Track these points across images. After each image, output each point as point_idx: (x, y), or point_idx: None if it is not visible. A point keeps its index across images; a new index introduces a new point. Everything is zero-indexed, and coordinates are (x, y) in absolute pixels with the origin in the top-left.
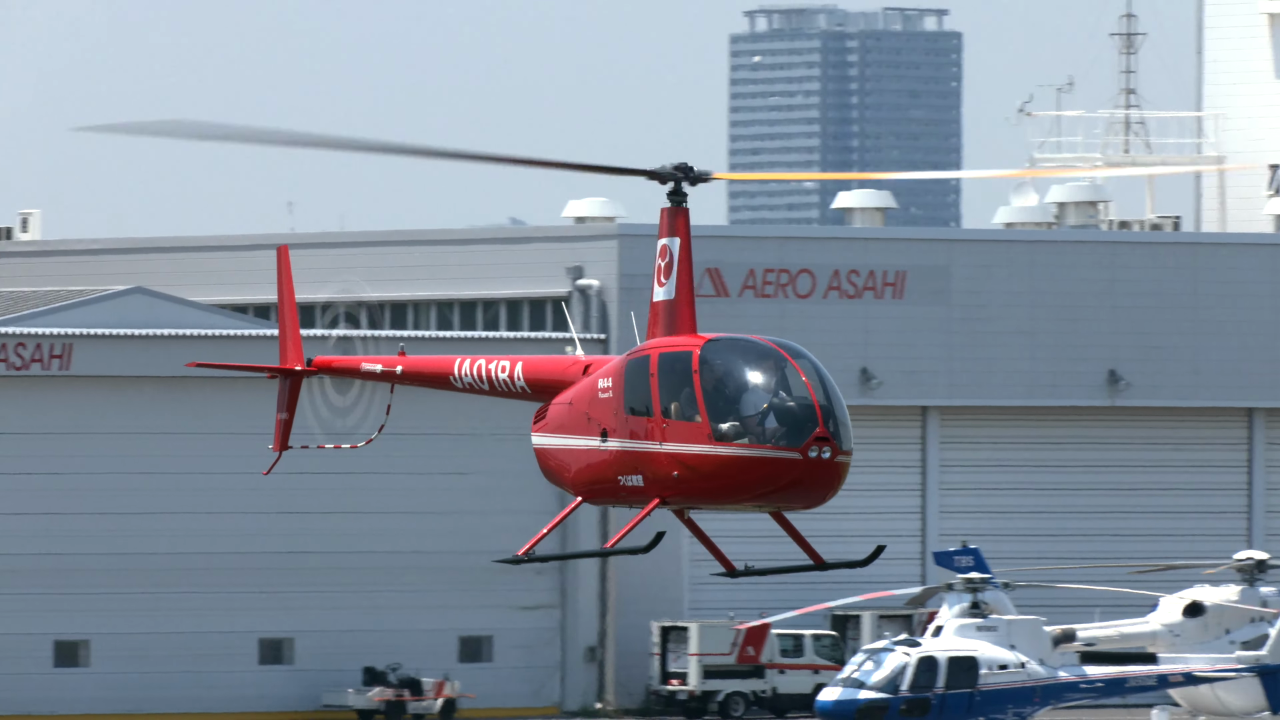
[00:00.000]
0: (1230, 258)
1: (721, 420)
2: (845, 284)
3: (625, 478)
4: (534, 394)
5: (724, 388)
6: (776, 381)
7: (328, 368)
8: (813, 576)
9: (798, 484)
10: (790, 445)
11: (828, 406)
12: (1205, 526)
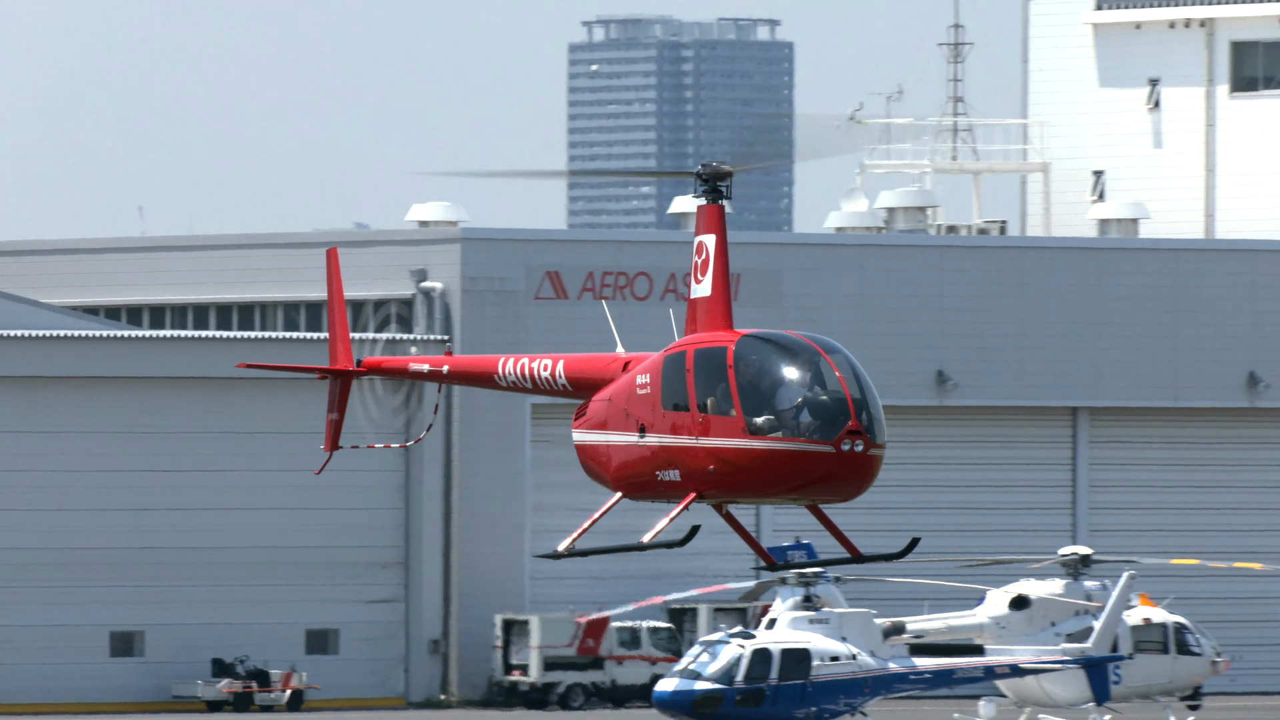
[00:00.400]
0: (1055, 261)
1: (756, 414)
2: (681, 287)
3: (663, 472)
4: (575, 391)
5: (758, 382)
6: (810, 376)
7: (377, 368)
8: (651, 571)
9: (831, 477)
10: (823, 439)
11: (860, 400)
12: (1031, 522)
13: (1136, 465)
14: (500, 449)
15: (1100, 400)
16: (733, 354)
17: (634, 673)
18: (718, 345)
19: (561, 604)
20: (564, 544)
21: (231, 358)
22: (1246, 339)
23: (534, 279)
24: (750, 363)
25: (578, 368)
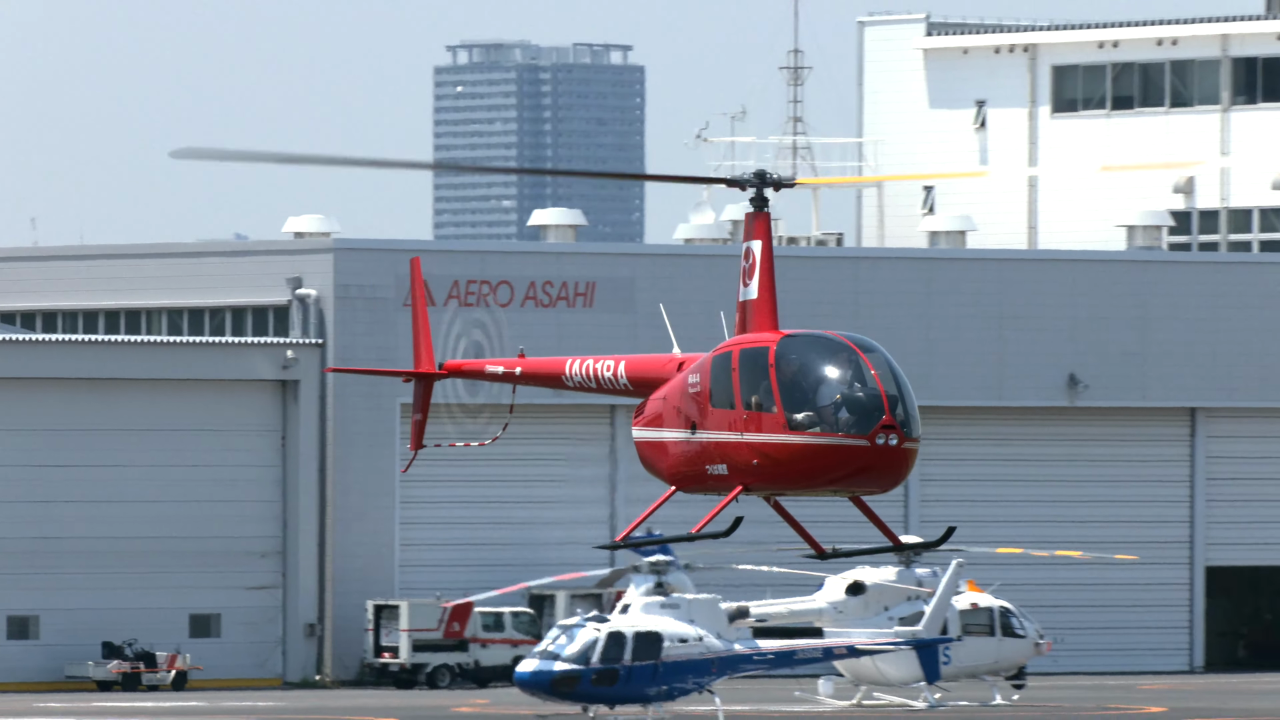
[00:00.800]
0: (887, 270)
1: (796, 411)
2: (540, 294)
3: (712, 467)
4: (635, 390)
5: (798, 380)
6: (847, 373)
7: (457, 371)
8: (513, 559)
9: (868, 469)
10: (859, 433)
11: (895, 396)
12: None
13: (965, 461)
14: (371, 446)
15: (930, 400)
16: (774, 353)
17: (497, 654)
18: (760, 345)
19: (429, 590)
20: (620, 535)
21: (119, 361)
22: (1066, 343)
23: (403, 286)
24: (791, 361)
25: (637, 368)
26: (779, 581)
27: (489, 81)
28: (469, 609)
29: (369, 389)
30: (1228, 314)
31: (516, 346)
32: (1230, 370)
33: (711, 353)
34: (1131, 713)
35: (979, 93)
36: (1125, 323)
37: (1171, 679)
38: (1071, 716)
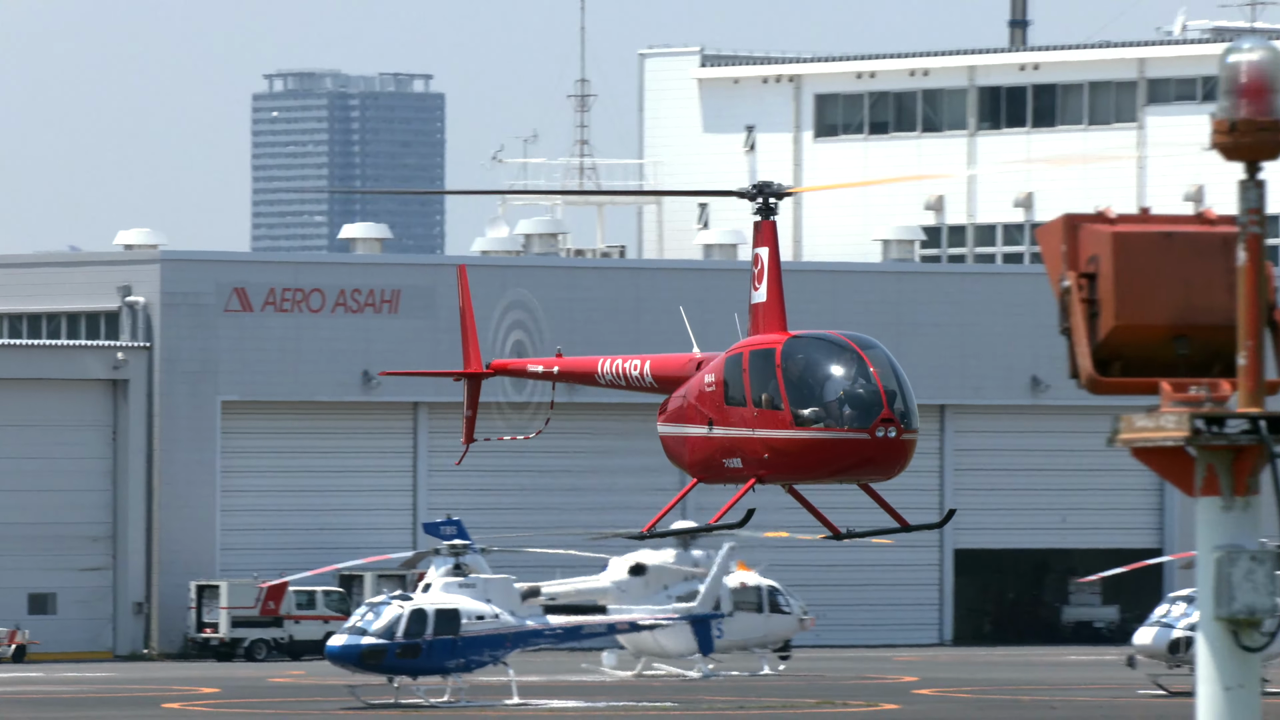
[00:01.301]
0: (666, 280)
1: (801, 407)
2: (350, 301)
3: (728, 460)
4: (659, 387)
5: (802, 378)
6: (848, 371)
7: (503, 369)
8: (324, 543)
9: (869, 461)
10: (860, 427)
11: (893, 391)
12: (646, 501)
13: None
14: (194, 440)
15: None
16: (780, 354)
17: (310, 630)
18: (768, 346)
19: (247, 571)
20: (647, 525)
21: None
22: None
23: (223, 294)
24: (796, 361)
25: (660, 367)
26: (567, 563)
27: (303, 107)
28: (284, 588)
29: (192, 388)
30: (973, 320)
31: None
32: (975, 371)
33: (725, 353)
34: (887, 682)
35: (749, 118)
36: (882, 327)
37: (924, 651)
38: (833, 686)
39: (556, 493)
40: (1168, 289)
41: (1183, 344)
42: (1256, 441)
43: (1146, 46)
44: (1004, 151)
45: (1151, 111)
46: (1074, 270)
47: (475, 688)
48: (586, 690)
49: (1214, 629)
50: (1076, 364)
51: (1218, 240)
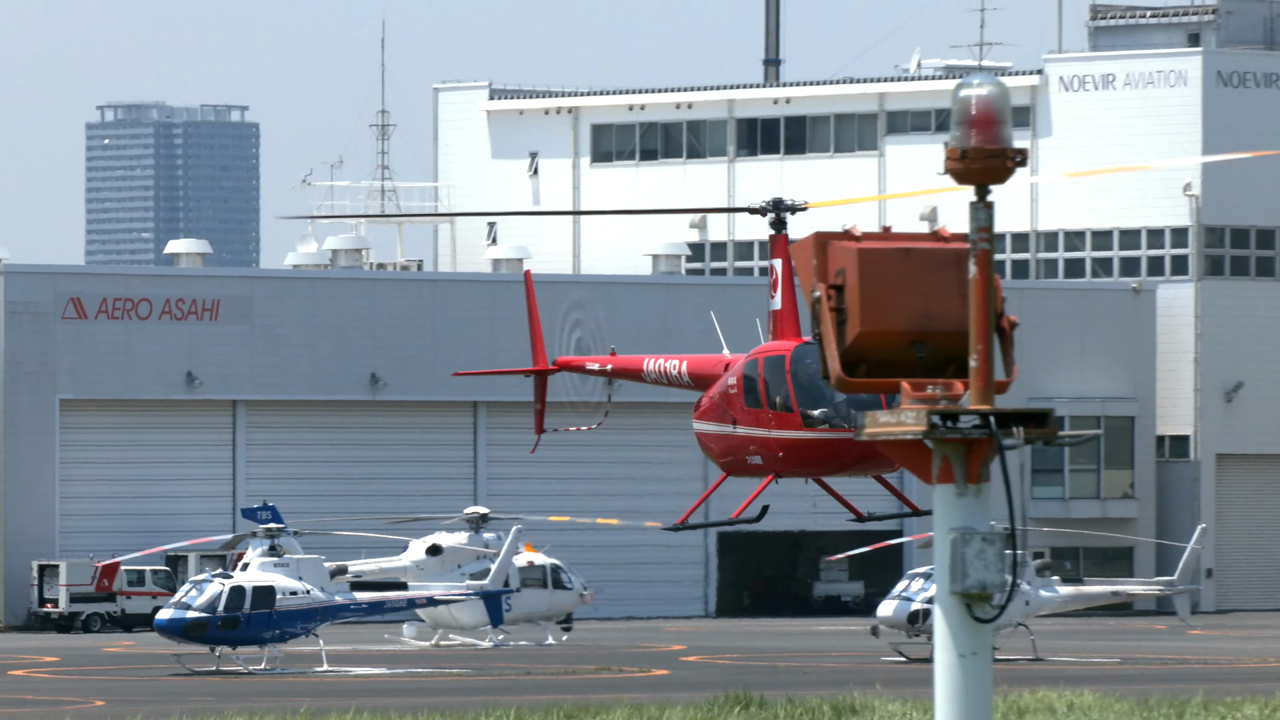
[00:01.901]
0: (460, 290)
1: (809, 409)
2: (174, 309)
3: (750, 457)
4: (695, 385)
5: (810, 383)
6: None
7: (566, 366)
8: (152, 526)
9: (868, 457)
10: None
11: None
12: (443, 489)
13: (524, 444)
14: (36, 434)
15: (494, 397)
16: (789, 360)
17: (140, 605)
18: (779, 353)
19: (83, 552)
20: (680, 519)
21: None
22: (603, 345)
23: (61, 303)
24: (804, 366)
25: (695, 367)
26: (372, 544)
27: (132, 135)
28: (116, 567)
29: (33, 388)
30: (731, 326)
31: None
32: None
33: (744, 358)
34: (658, 650)
35: (532, 146)
36: (651, 333)
37: (690, 622)
38: (610, 653)
39: (361, 481)
40: (907, 299)
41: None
42: (987, 435)
43: (886, 83)
44: (760, 176)
45: (890, 141)
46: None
47: (289, 656)
48: (389, 659)
49: (950, 602)
50: (827, 366)
51: (951, 255)
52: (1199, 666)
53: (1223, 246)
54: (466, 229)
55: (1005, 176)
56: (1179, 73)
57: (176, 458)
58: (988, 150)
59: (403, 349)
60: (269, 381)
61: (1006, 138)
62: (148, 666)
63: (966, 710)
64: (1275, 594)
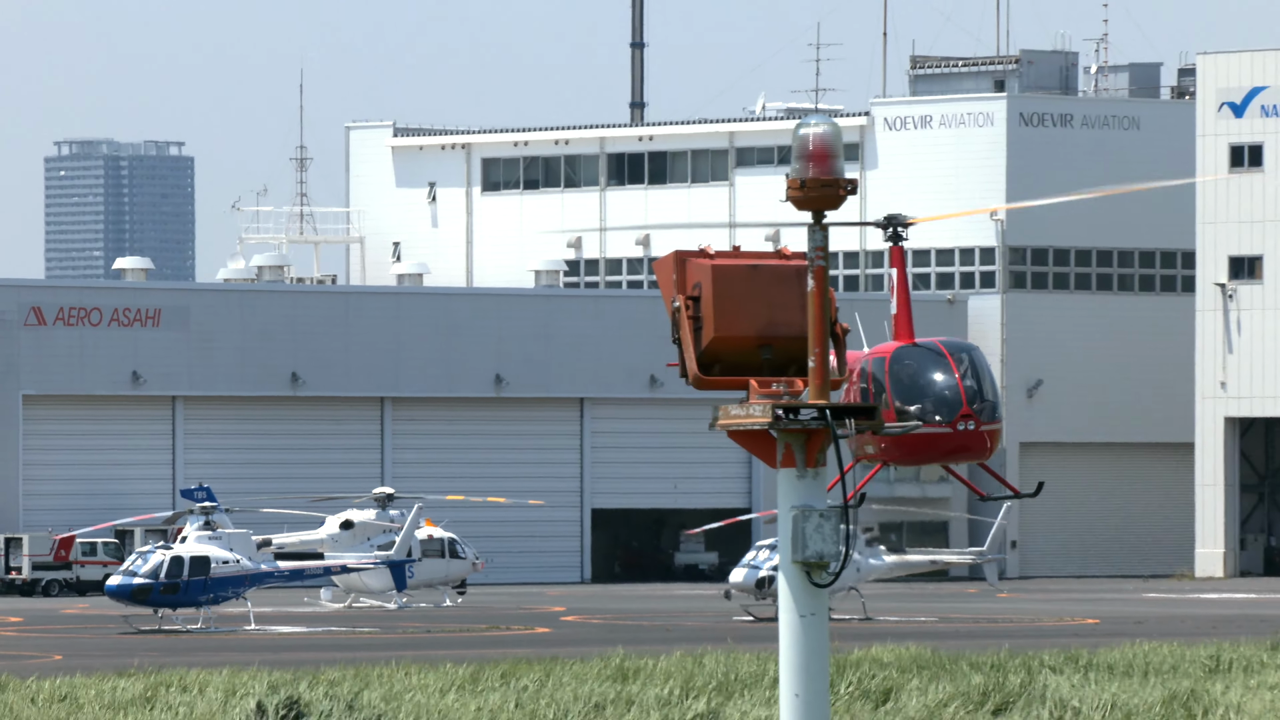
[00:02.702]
0: (369, 301)
1: (903, 406)
2: (122, 317)
3: (868, 447)
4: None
5: (904, 382)
6: (938, 375)
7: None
8: (104, 505)
9: (956, 449)
10: (945, 422)
11: (974, 390)
12: (354, 472)
13: (425, 434)
14: (2, 423)
15: (399, 393)
16: (889, 361)
17: (93, 572)
18: (882, 355)
19: (43, 526)
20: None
21: None
22: (494, 352)
23: (23, 311)
24: (902, 367)
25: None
26: (294, 521)
27: (84, 168)
28: (72, 540)
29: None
30: (604, 332)
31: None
32: (606, 371)
33: (864, 354)
34: (541, 611)
35: (431, 177)
36: (533, 337)
37: (569, 587)
38: (499, 614)
39: (284, 465)
40: (754, 308)
41: (767, 351)
42: (823, 426)
43: (735, 123)
44: (627, 203)
45: (740, 173)
46: (683, 294)
47: (222, 617)
48: (308, 619)
49: (792, 570)
50: (685, 366)
51: (793, 271)
52: (1005, 624)
53: (1025, 264)
54: (374, 248)
55: (838, 203)
56: (987, 114)
57: (123, 445)
58: (823, 180)
59: (319, 351)
60: (204, 379)
61: (839, 170)
62: (100, 626)
63: (807, 662)
64: (1070, 562)
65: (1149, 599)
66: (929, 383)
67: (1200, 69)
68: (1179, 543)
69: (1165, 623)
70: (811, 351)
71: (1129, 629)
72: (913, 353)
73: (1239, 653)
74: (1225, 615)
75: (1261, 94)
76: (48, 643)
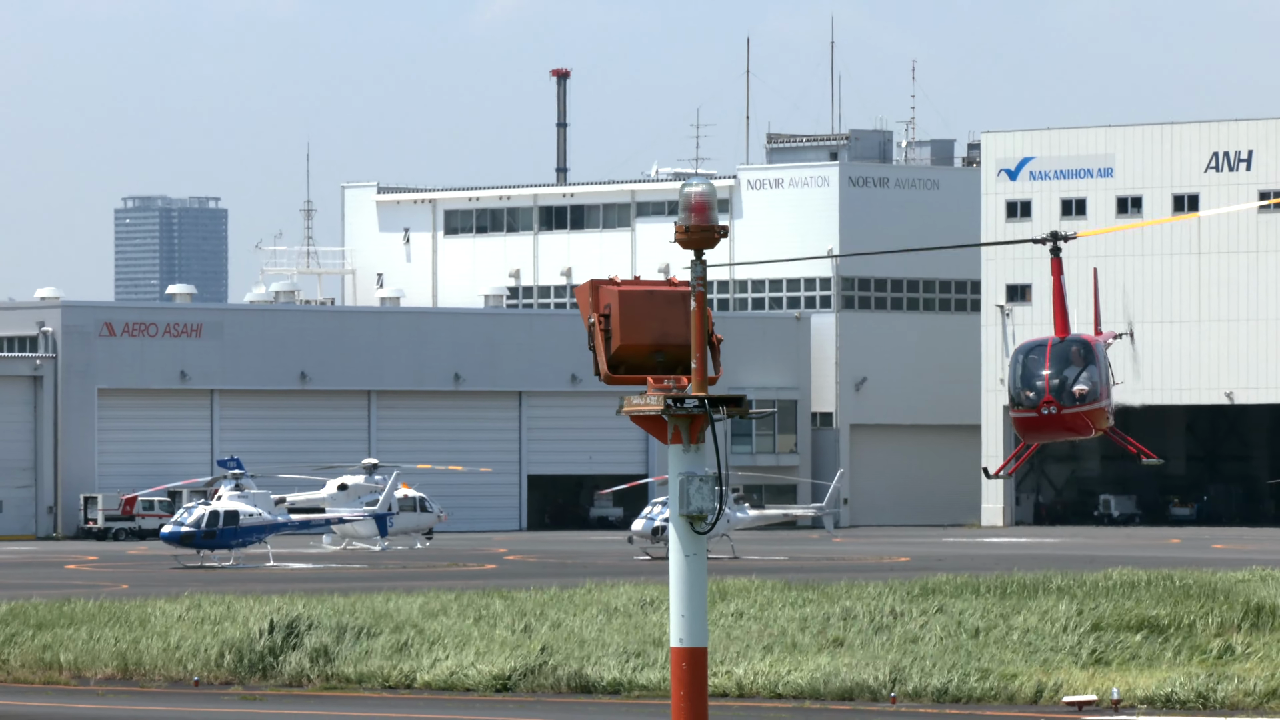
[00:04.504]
0: (358, 318)
1: (1012, 392)
2: (172, 330)
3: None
4: None
5: (1017, 371)
6: (1032, 364)
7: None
8: (158, 472)
9: (1045, 429)
10: (1030, 408)
11: (1059, 379)
12: (348, 447)
13: (401, 418)
14: (82, 411)
15: (382, 387)
16: (1013, 354)
17: (150, 523)
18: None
19: (114, 488)
20: (996, 470)
21: None
22: (453, 355)
23: (98, 326)
24: (1017, 359)
25: None
26: (301, 484)
27: (144, 218)
28: (134, 499)
29: (80, 381)
30: (539, 342)
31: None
32: (541, 372)
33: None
34: (490, 552)
35: (405, 223)
36: (482, 346)
37: (510, 534)
38: (457, 554)
39: (295, 442)
40: (651, 323)
41: (660, 356)
42: (702, 412)
43: (636, 183)
44: (554, 245)
45: (640, 221)
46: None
47: (248, 557)
48: (313, 558)
49: (679, 521)
50: (598, 366)
51: (680, 295)
52: (840, 561)
53: (854, 290)
54: (363, 278)
55: (714, 244)
56: (824, 178)
57: (173, 427)
58: (702, 227)
59: (321, 356)
60: (234, 377)
61: (714, 220)
62: (156, 563)
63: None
64: (889, 514)
65: (947, 542)
66: (1027, 372)
67: (984, 144)
68: (969, 499)
69: (960, 560)
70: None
71: (932, 564)
72: (1025, 347)
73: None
74: (1005, 554)
75: (1030, 162)
76: (117, 575)
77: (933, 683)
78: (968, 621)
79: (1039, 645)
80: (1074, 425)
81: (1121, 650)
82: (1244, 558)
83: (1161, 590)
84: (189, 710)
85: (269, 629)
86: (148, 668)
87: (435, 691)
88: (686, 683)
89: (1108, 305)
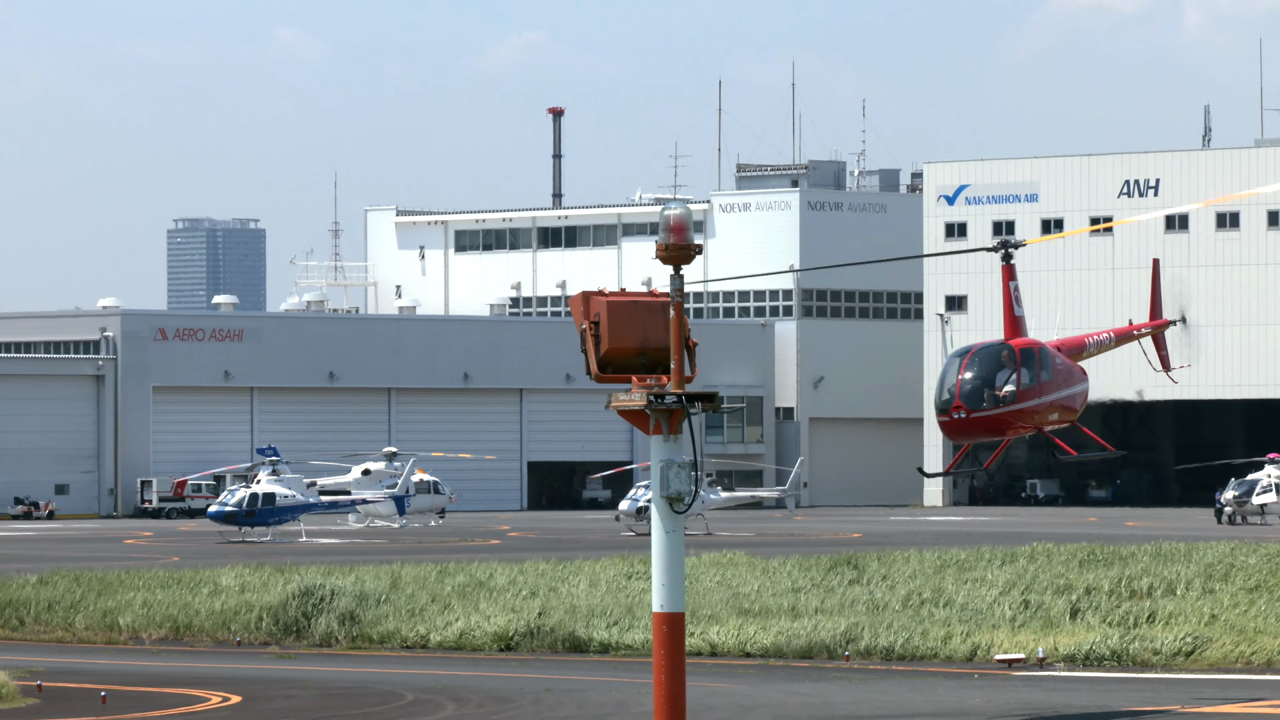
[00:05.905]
0: (381, 325)
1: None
2: (217, 335)
3: None
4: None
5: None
6: (948, 370)
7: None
8: (205, 459)
9: (962, 430)
10: (942, 412)
11: (970, 384)
12: (370, 437)
13: (417, 412)
14: (139, 406)
15: (401, 385)
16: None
17: (199, 504)
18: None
19: (167, 473)
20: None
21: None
22: (462, 357)
23: (153, 331)
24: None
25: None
26: (330, 469)
27: (193, 237)
28: (185, 482)
29: (137, 380)
30: (539, 346)
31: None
32: (543, 370)
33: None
34: (495, 529)
35: (421, 242)
36: (488, 349)
37: (512, 514)
38: (466, 531)
39: (324, 432)
40: (635, 329)
41: (643, 358)
42: (680, 406)
43: (622, 207)
44: (551, 261)
45: (626, 240)
46: (588, 319)
47: (284, 533)
48: (340, 534)
49: (660, 502)
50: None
51: (661, 304)
52: (801, 537)
53: (813, 300)
54: (383, 290)
55: (690, 260)
56: (786, 203)
57: (218, 419)
58: (680, 246)
59: (348, 357)
60: (271, 376)
61: (691, 239)
62: (203, 539)
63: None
64: (843, 496)
65: (893, 520)
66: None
67: (926, 173)
68: (913, 483)
69: (905, 535)
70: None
71: (880, 540)
72: (953, 354)
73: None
74: (944, 531)
75: (966, 189)
76: (170, 549)
77: (881, 642)
78: (912, 589)
79: (973, 610)
80: (990, 427)
81: (1045, 614)
82: (1152, 534)
83: (1080, 561)
84: (232, 666)
85: (301, 595)
86: (196, 630)
87: (447, 650)
88: (666, 643)
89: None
